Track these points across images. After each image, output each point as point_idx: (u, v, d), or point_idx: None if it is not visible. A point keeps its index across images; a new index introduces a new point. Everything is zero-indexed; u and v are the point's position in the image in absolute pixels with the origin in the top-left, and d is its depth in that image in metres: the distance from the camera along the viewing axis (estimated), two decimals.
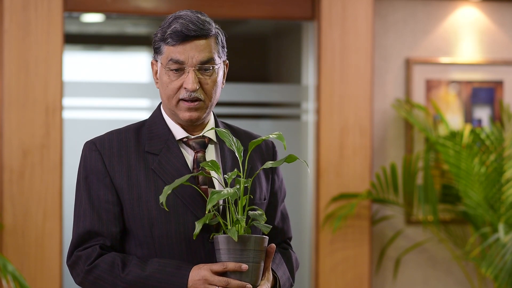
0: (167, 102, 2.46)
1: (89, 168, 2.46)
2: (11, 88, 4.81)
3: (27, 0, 4.82)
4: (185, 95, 2.42)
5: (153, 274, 2.36)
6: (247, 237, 2.30)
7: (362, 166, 5.20)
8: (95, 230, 2.43)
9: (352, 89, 5.19)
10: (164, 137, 2.48)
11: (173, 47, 2.42)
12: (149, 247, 2.42)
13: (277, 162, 2.39)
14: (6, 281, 4.24)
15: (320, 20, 5.18)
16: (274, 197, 2.59)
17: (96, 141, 2.49)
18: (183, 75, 2.43)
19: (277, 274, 2.46)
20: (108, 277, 2.39)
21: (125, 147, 2.47)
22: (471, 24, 5.50)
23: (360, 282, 5.20)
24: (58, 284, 4.82)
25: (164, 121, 2.51)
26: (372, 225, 5.29)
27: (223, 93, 5.21)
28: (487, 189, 5.15)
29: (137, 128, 2.52)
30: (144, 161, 2.45)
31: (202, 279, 2.32)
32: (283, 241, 2.63)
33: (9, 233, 4.80)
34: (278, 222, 2.60)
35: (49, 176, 4.82)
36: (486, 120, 5.47)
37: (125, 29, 6.07)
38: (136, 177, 2.43)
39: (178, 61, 2.42)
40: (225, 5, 5.13)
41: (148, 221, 2.41)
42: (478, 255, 5.23)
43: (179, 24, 2.41)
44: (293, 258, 2.62)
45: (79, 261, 2.43)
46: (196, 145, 2.48)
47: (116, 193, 2.44)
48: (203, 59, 2.42)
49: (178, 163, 2.44)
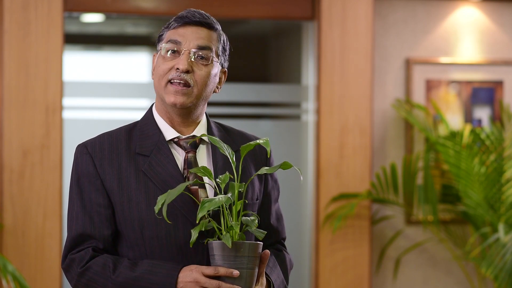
0: (157, 84, 2.45)
1: (80, 171, 2.46)
2: (11, 88, 4.81)
3: (27, 0, 4.82)
4: (174, 75, 2.41)
5: (142, 275, 2.36)
6: (241, 244, 2.29)
7: (362, 166, 5.20)
8: (87, 233, 2.43)
9: (352, 89, 5.19)
10: (155, 138, 2.47)
11: (174, 30, 2.45)
12: (140, 249, 2.42)
13: (272, 169, 2.37)
14: (6, 281, 4.24)
15: (320, 20, 5.18)
16: (267, 197, 2.58)
17: (88, 144, 2.49)
18: (178, 58, 2.43)
19: (271, 278, 2.45)
20: (99, 279, 2.39)
21: (116, 149, 2.47)
22: (471, 24, 5.50)
23: (360, 282, 5.19)
24: (58, 284, 4.82)
25: (155, 121, 2.50)
26: (372, 225, 5.29)
27: (223, 93, 5.24)
28: (487, 189, 5.15)
29: (129, 129, 2.51)
30: (134, 163, 2.44)
31: (194, 281, 2.31)
32: (277, 241, 2.63)
33: (9, 233, 4.79)
34: (272, 221, 2.60)
35: (49, 176, 4.82)
36: (486, 120, 5.47)
37: (125, 29, 6.07)
38: (127, 179, 2.43)
39: (176, 41, 2.43)
40: (225, 5, 5.13)
41: (139, 223, 2.41)
42: (478, 255, 5.23)
43: (185, 12, 2.46)
44: (287, 259, 2.61)
45: (72, 264, 2.43)
46: (187, 145, 2.47)
47: (107, 195, 2.44)
48: (201, 44, 2.43)
49: (168, 164, 2.43)
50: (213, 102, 5.21)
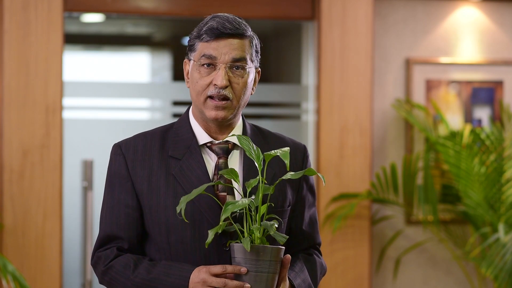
0: (196, 99, 2.45)
1: (113, 172, 2.49)
2: (11, 88, 4.81)
3: (27, 0, 4.82)
4: (213, 91, 2.41)
5: (157, 276, 2.39)
6: (263, 247, 2.29)
7: (362, 166, 5.20)
8: (114, 234, 2.46)
9: (352, 89, 5.20)
10: (188, 141, 2.47)
11: (207, 43, 2.43)
12: (166, 252, 2.44)
13: (296, 174, 2.36)
14: (6, 281, 4.24)
15: (320, 20, 5.18)
16: (301, 202, 2.57)
17: (122, 145, 2.50)
18: (214, 71, 2.42)
19: (295, 283, 2.44)
20: (120, 278, 2.43)
21: (149, 150, 2.48)
22: (471, 24, 5.50)
23: (360, 282, 5.20)
24: (58, 284, 4.82)
25: (190, 125, 2.50)
26: (372, 225, 5.29)
27: None
28: (487, 189, 5.15)
29: (164, 131, 2.52)
30: (166, 166, 2.45)
31: (201, 281, 2.33)
32: (310, 246, 2.61)
33: (9, 233, 4.80)
34: (305, 226, 2.58)
35: (49, 176, 4.82)
36: (486, 120, 5.47)
37: (125, 29, 6.08)
38: (157, 183, 2.44)
39: (211, 56, 2.42)
40: (225, 5, 5.13)
41: (166, 227, 2.43)
42: (478, 255, 5.23)
43: (215, 22, 2.44)
44: (317, 263, 2.59)
45: (99, 261, 2.48)
46: (219, 150, 2.47)
47: (136, 197, 2.46)
48: (236, 57, 2.42)
49: (198, 169, 2.44)
50: None
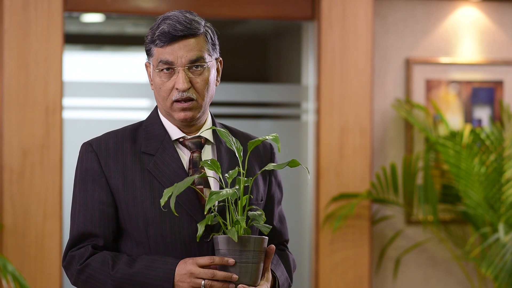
0: (162, 104, 2.47)
1: (85, 169, 2.48)
2: (11, 88, 4.81)
3: (27, 0, 4.82)
4: (177, 96, 2.43)
5: (140, 270, 2.37)
6: (247, 238, 2.30)
7: (362, 166, 5.20)
8: (88, 231, 2.44)
9: (352, 89, 5.20)
10: (160, 137, 2.49)
11: (161, 49, 2.43)
12: (145, 247, 2.43)
13: (279, 165, 2.38)
14: (6, 281, 4.24)
15: (320, 20, 5.18)
16: (271, 198, 2.59)
17: (93, 142, 2.50)
18: (174, 75, 2.43)
19: (276, 274, 2.46)
20: (98, 276, 2.40)
21: (121, 147, 2.48)
22: (471, 24, 5.50)
23: (360, 282, 5.20)
24: (58, 284, 4.82)
25: (160, 121, 2.51)
26: (372, 225, 5.29)
27: (223, 93, 5.24)
28: (487, 189, 5.15)
29: (134, 128, 2.53)
30: (140, 162, 2.46)
31: (188, 273, 2.32)
32: (280, 243, 2.63)
33: (9, 233, 4.80)
34: (275, 223, 2.60)
35: (49, 176, 4.82)
36: (486, 120, 5.47)
37: (125, 29, 6.07)
38: (132, 178, 2.44)
39: (167, 61, 2.43)
40: (225, 5, 5.13)
41: (144, 221, 2.42)
42: (478, 255, 5.23)
43: (166, 25, 2.42)
44: (290, 259, 2.62)
45: (72, 261, 2.45)
46: (192, 145, 2.49)
47: (111, 193, 2.45)
48: (192, 58, 2.43)
49: (173, 163, 2.45)
50: (213, 102, 5.21)
